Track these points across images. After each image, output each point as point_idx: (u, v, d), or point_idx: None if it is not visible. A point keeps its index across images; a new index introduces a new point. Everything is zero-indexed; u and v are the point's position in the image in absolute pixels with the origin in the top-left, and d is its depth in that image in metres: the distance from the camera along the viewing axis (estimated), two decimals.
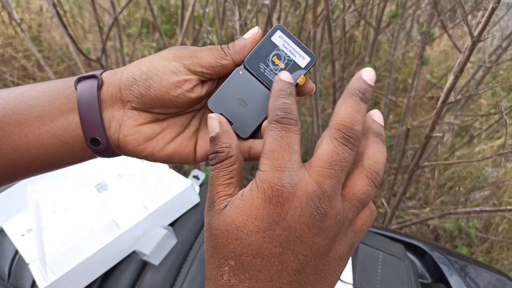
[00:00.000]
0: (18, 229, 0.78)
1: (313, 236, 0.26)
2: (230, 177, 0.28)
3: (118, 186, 0.84)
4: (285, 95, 0.29)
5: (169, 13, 2.71)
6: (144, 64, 0.33)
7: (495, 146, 1.89)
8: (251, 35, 0.34)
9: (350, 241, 0.28)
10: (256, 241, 0.26)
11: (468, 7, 1.98)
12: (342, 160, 0.27)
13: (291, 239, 0.26)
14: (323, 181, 0.26)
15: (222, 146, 0.29)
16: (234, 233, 0.26)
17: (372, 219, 0.30)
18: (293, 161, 0.26)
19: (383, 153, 0.29)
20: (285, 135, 0.27)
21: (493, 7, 0.64)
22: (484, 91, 1.32)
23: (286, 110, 0.28)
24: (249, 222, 0.26)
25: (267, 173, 0.26)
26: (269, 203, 0.26)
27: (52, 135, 0.33)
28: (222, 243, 0.26)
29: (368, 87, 0.29)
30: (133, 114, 0.34)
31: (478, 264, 0.83)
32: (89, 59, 1.34)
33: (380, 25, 1.43)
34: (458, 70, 0.76)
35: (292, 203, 0.25)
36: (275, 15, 1.84)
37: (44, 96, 0.34)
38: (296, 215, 0.25)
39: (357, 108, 0.28)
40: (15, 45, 2.32)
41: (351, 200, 0.27)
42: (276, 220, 0.25)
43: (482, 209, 1.06)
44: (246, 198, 0.26)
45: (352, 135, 0.27)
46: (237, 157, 0.29)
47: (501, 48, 1.35)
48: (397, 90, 2.25)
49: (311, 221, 0.25)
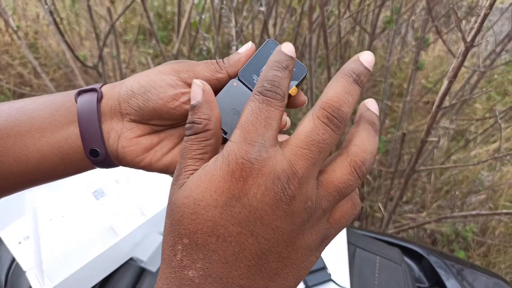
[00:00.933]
0: (15, 236, 0.78)
1: (276, 219, 0.24)
2: (203, 152, 0.27)
3: (115, 192, 0.84)
4: (279, 68, 0.27)
5: (166, 19, 2.72)
6: (142, 78, 0.34)
7: (491, 150, 1.90)
8: (244, 50, 0.35)
9: (323, 232, 0.26)
10: (213, 217, 0.24)
11: (462, 12, 2.00)
12: (320, 141, 0.24)
13: (251, 218, 0.24)
14: (296, 161, 0.24)
15: (201, 117, 0.27)
16: (191, 207, 0.24)
17: (354, 213, 0.28)
18: (267, 136, 0.24)
19: (374, 142, 0.27)
20: (264, 108, 0.25)
21: (486, 13, 0.65)
22: (479, 96, 1.33)
23: (274, 83, 0.26)
24: (207, 195, 0.24)
25: (235, 144, 0.24)
26: (231, 176, 0.24)
27: (52, 146, 0.34)
28: (178, 218, 0.25)
29: (364, 70, 0.27)
30: (132, 126, 0.35)
31: (475, 268, 0.84)
32: (86, 66, 1.34)
33: (375, 31, 1.44)
34: (452, 75, 0.77)
35: (256, 180, 0.24)
36: (271, 22, 1.86)
37: (44, 108, 0.35)
38: (259, 193, 0.23)
39: (348, 89, 0.26)
40: (12, 52, 2.32)
41: (327, 188, 0.25)
42: (236, 196, 0.24)
43: (478, 213, 1.07)
44: (208, 169, 0.25)
45: (338, 116, 0.25)
46: (215, 132, 0.28)
47: (494, 53, 1.37)
48: (393, 95, 2.26)
49: (275, 202, 0.23)
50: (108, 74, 2.02)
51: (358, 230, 0.90)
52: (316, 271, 0.70)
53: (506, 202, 1.79)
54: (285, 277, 0.25)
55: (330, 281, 0.71)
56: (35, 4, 2.35)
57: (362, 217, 1.74)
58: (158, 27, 2.63)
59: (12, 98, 2.20)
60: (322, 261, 0.71)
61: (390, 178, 1.61)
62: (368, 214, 1.71)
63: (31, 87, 2.24)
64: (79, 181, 0.85)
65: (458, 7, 1.76)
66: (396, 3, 1.55)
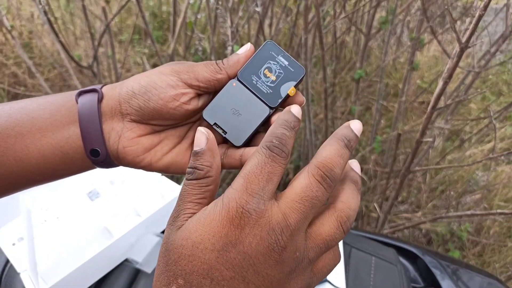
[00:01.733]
0: (9, 238, 0.78)
1: (267, 267, 0.25)
2: (203, 197, 0.28)
3: (110, 193, 0.83)
4: (288, 128, 0.29)
5: (161, 19, 2.71)
6: (143, 78, 0.35)
7: (486, 150, 1.91)
8: (244, 51, 0.36)
9: (307, 281, 0.28)
10: (209, 260, 0.25)
11: (457, 13, 2.01)
12: (313, 198, 0.26)
13: (244, 265, 0.25)
14: (290, 214, 0.26)
15: (203, 164, 0.28)
16: (189, 249, 0.25)
17: (334, 264, 0.29)
18: (267, 190, 0.26)
19: (357, 201, 0.29)
20: (269, 163, 0.27)
21: (480, 14, 0.66)
22: (474, 96, 1.33)
23: (282, 140, 0.28)
24: (206, 239, 0.25)
25: (237, 192, 0.26)
26: (230, 223, 0.25)
27: (53, 146, 0.34)
28: (175, 259, 0.26)
29: (354, 136, 0.29)
30: (132, 126, 0.35)
31: (470, 268, 0.84)
32: (80, 66, 1.34)
33: (370, 31, 1.44)
34: (447, 76, 0.77)
35: (252, 229, 0.25)
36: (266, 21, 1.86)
37: (45, 109, 0.35)
38: (254, 242, 0.25)
39: (341, 152, 0.28)
40: (6, 52, 2.31)
41: (315, 240, 0.27)
42: (233, 242, 0.25)
43: (473, 213, 1.07)
44: (208, 213, 0.26)
45: (331, 176, 0.27)
46: (215, 179, 0.29)
47: (489, 53, 1.37)
48: (388, 95, 2.27)
49: (268, 251, 0.25)
50: (103, 74, 2.01)
51: (353, 230, 0.90)
52: None
53: (501, 201, 1.80)
54: None
55: (326, 282, 0.71)
56: (29, 4, 2.34)
57: (358, 217, 1.75)
58: (153, 26, 2.63)
59: (6, 98, 2.19)
60: None
61: (385, 178, 1.62)
62: (364, 214, 1.71)
63: (26, 87, 2.23)
64: (74, 182, 0.85)
65: (453, 8, 1.77)
66: (391, 3, 1.55)
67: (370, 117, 2.10)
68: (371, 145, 1.72)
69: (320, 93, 2.03)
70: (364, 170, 1.80)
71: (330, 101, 1.86)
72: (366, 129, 2.07)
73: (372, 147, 1.68)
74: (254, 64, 0.36)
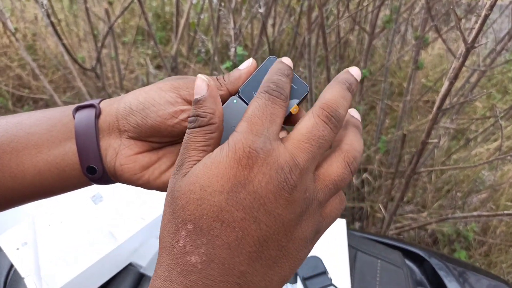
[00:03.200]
0: (13, 242, 0.77)
1: (278, 206, 0.25)
2: (207, 144, 0.27)
3: (114, 197, 0.83)
4: (282, 74, 0.29)
5: (164, 20, 2.71)
6: (141, 94, 0.34)
7: (492, 149, 1.89)
8: (245, 66, 0.35)
9: (317, 224, 0.27)
10: (219, 202, 0.24)
11: (461, 10, 1.99)
12: (320, 137, 0.26)
13: (255, 205, 0.24)
14: (298, 154, 0.26)
15: (206, 111, 0.28)
16: (197, 193, 0.25)
17: (341, 208, 0.29)
18: (271, 130, 0.26)
19: (361, 143, 0.29)
20: (270, 105, 0.27)
21: (486, 14, 0.65)
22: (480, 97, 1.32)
23: (279, 84, 0.28)
24: (214, 181, 0.25)
25: (242, 134, 0.25)
26: (238, 163, 0.25)
27: (49, 163, 0.34)
28: (183, 205, 0.25)
29: (354, 80, 0.30)
30: (130, 143, 0.34)
31: (476, 271, 0.83)
32: (83, 68, 1.34)
33: (374, 30, 1.43)
34: (452, 76, 0.76)
35: (261, 168, 0.25)
36: (270, 21, 1.85)
37: (41, 124, 0.34)
38: (263, 181, 0.24)
39: (344, 94, 0.28)
40: (10, 54, 2.32)
41: (324, 181, 0.27)
42: (242, 182, 0.24)
43: (479, 214, 1.06)
44: (214, 157, 0.25)
45: (336, 116, 0.27)
46: (218, 126, 0.28)
47: (495, 51, 1.36)
48: (393, 94, 2.26)
49: (278, 190, 0.25)
50: (107, 75, 2.01)
51: (358, 232, 0.89)
52: (316, 275, 0.69)
53: (508, 201, 1.78)
54: (282, 267, 0.26)
55: (331, 286, 0.70)
56: (33, 6, 2.34)
57: (363, 217, 1.74)
58: (156, 27, 2.63)
59: (11, 100, 2.20)
60: (323, 266, 0.70)
61: (390, 178, 1.61)
62: (369, 214, 1.70)
63: (30, 89, 2.24)
64: None
65: (458, 5, 1.75)
66: (395, 2, 1.54)
67: (375, 116, 2.09)
68: (376, 145, 1.71)
69: None
70: (369, 170, 1.79)
71: None
72: (371, 128, 2.06)
73: (377, 147, 1.67)
74: (256, 80, 0.34)
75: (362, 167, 1.80)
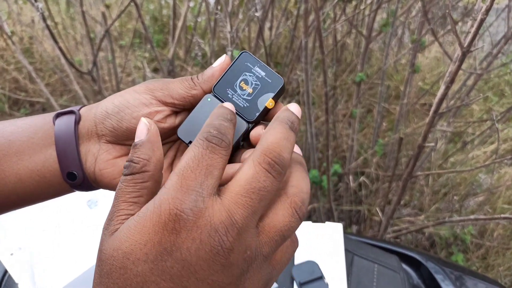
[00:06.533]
0: (7, 247, 0.77)
1: (212, 273, 0.22)
2: (138, 196, 0.25)
3: (109, 201, 0.83)
4: (225, 119, 0.26)
5: (162, 23, 2.71)
6: (116, 98, 0.34)
7: (488, 152, 1.90)
8: (218, 64, 0.34)
9: (266, 277, 0.25)
10: (143, 272, 0.22)
11: (458, 13, 2.00)
12: (261, 189, 0.24)
13: (184, 274, 0.22)
14: (235, 210, 0.23)
15: (140, 157, 0.25)
16: (120, 261, 0.23)
17: (293, 250, 0.27)
18: (206, 185, 0.23)
19: (308, 182, 0.27)
20: (207, 155, 0.24)
21: (482, 18, 0.65)
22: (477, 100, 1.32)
23: (220, 130, 0.25)
24: (137, 249, 0.22)
25: (169, 191, 0.23)
26: (163, 228, 0.22)
27: (30, 170, 0.33)
28: (107, 271, 0.23)
29: (296, 118, 0.27)
30: (108, 148, 0.34)
31: (473, 275, 0.83)
32: (80, 72, 1.33)
33: (371, 34, 1.43)
34: (449, 80, 0.76)
35: (190, 233, 0.22)
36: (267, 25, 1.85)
37: (23, 131, 0.34)
38: (193, 248, 0.22)
39: (287, 135, 0.26)
40: (7, 57, 2.31)
41: (269, 233, 0.24)
42: (168, 250, 0.22)
43: (477, 218, 1.06)
44: (139, 219, 0.23)
45: (279, 162, 0.24)
46: (153, 175, 0.26)
47: (491, 55, 1.36)
48: (390, 97, 2.26)
49: (211, 256, 0.22)
50: (104, 78, 2.01)
51: (355, 236, 0.89)
52: (313, 280, 0.69)
53: (504, 204, 1.78)
54: None
55: None
56: (30, 9, 2.34)
57: (360, 220, 1.74)
58: (154, 30, 2.63)
59: (7, 103, 2.19)
60: (320, 271, 0.70)
61: (388, 182, 1.61)
62: (366, 217, 1.70)
63: (27, 92, 2.23)
64: None
65: (454, 8, 1.76)
66: (392, 5, 1.54)
67: (372, 119, 2.09)
68: (373, 148, 1.71)
69: (321, 96, 2.02)
70: (366, 174, 1.79)
71: (331, 104, 1.85)
72: (368, 131, 2.06)
73: (374, 150, 1.67)
74: (230, 76, 0.34)
75: (359, 170, 1.80)
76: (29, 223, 0.78)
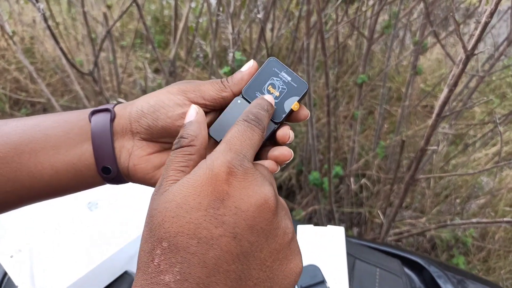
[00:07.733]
0: (7, 250, 0.76)
1: (262, 220, 0.24)
2: (185, 166, 0.28)
3: (109, 204, 0.82)
4: (262, 109, 0.31)
5: (163, 23, 2.71)
6: (152, 98, 0.36)
7: (490, 154, 1.89)
8: (247, 68, 0.37)
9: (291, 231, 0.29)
10: (196, 219, 0.24)
11: (460, 15, 1.99)
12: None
13: (236, 220, 0.24)
14: (271, 180, 0.28)
15: (189, 133, 0.29)
16: (173, 211, 0.24)
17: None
18: (248, 153, 0.27)
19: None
20: (249, 131, 0.28)
21: (486, 21, 0.64)
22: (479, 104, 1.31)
23: (258, 115, 0.30)
24: (191, 199, 0.24)
25: (220, 152, 0.26)
26: (215, 180, 0.25)
27: (66, 163, 0.35)
28: (158, 223, 0.25)
29: None
30: (142, 145, 0.36)
31: (476, 279, 0.82)
32: (81, 72, 1.33)
33: (373, 35, 1.43)
34: (452, 83, 0.76)
35: (241, 183, 0.25)
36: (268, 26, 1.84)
37: (59, 126, 0.36)
38: (244, 195, 0.25)
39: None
40: (8, 57, 2.31)
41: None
42: (220, 198, 0.24)
43: (478, 221, 1.06)
44: (192, 175, 0.26)
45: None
46: (199, 149, 0.29)
47: (493, 57, 1.36)
48: (391, 99, 2.25)
49: (263, 203, 0.25)
50: (105, 79, 2.01)
51: (357, 240, 0.88)
52: (315, 285, 0.68)
53: (506, 206, 1.77)
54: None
55: None
56: (31, 9, 2.34)
57: (361, 223, 1.73)
58: (155, 31, 2.62)
59: (8, 103, 2.19)
60: (321, 275, 0.69)
61: (389, 184, 1.60)
62: (367, 220, 1.70)
63: (27, 92, 2.23)
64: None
65: (456, 10, 1.75)
66: (394, 7, 1.54)
67: (373, 121, 2.09)
68: (374, 150, 1.70)
69: (323, 97, 2.01)
70: (368, 176, 1.78)
71: (333, 106, 1.84)
72: (369, 133, 2.05)
73: (376, 152, 1.66)
74: (258, 80, 0.37)
75: (360, 172, 1.80)
76: (29, 225, 0.77)
